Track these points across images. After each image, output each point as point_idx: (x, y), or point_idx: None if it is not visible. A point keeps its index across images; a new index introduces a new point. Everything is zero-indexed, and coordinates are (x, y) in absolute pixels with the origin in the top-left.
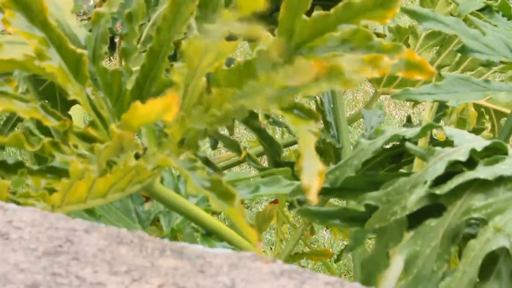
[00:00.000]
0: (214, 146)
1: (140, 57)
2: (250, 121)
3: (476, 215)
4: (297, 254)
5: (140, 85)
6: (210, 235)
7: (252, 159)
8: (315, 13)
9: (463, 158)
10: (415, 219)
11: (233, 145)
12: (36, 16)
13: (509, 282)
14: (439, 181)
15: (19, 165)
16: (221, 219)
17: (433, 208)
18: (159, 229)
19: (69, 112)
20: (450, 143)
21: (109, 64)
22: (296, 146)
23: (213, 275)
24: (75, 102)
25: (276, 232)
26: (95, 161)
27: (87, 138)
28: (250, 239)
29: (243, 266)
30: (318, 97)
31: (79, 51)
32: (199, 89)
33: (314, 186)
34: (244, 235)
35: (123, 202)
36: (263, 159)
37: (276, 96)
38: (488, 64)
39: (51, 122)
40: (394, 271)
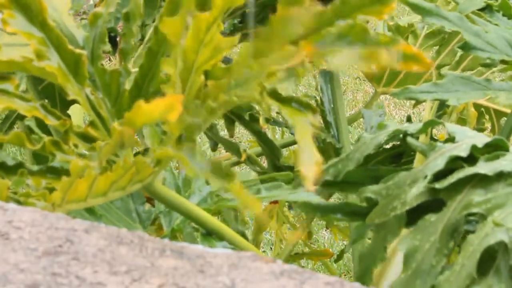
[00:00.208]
0: (214, 148)
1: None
2: (251, 124)
3: (476, 210)
4: (297, 254)
5: (138, 85)
6: (210, 235)
7: (252, 162)
8: (307, 6)
9: (464, 153)
10: (415, 214)
11: (233, 147)
12: (35, 16)
13: (508, 277)
14: (439, 176)
15: (19, 165)
16: (221, 220)
17: (433, 203)
18: (160, 229)
19: (69, 112)
20: (452, 140)
21: (110, 64)
22: (296, 146)
23: (213, 275)
24: (74, 101)
25: (276, 232)
26: (96, 158)
27: (87, 138)
28: (254, 208)
29: (243, 266)
30: (319, 96)
31: (78, 51)
32: (197, 86)
33: (311, 175)
34: (247, 205)
35: (124, 201)
36: (263, 159)
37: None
38: (489, 62)
39: (51, 121)
40: (396, 267)
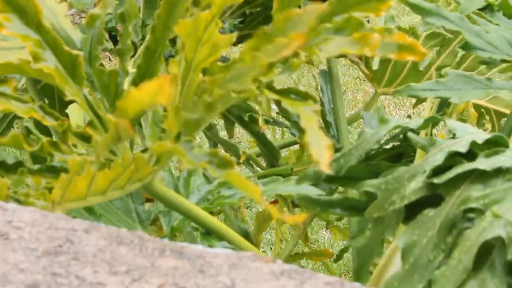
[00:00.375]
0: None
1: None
2: (250, 125)
3: (474, 205)
4: (297, 254)
5: (136, 84)
6: (209, 234)
7: (251, 163)
8: (310, 6)
9: (463, 149)
10: (414, 209)
11: (232, 148)
12: (31, 18)
13: (502, 272)
14: (438, 171)
15: (19, 164)
16: (221, 219)
17: (432, 198)
18: (159, 228)
19: (68, 112)
20: (452, 137)
21: (110, 64)
22: (296, 147)
23: (213, 275)
24: (72, 101)
25: (275, 232)
26: (94, 153)
27: (85, 138)
28: (254, 195)
29: (243, 266)
30: (318, 96)
31: (75, 52)
32: (195, 84)
33: (325, 158)
34: (247, 192)
35: (124, 201)
36: (263, 160)
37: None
38: (490, 62)
39: (49, 122)
40: (398, 265)
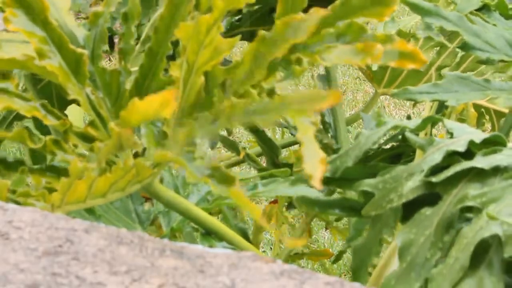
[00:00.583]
0: (213, 146)
1: (139, 57)
2: None
3: (471, 204)
4: (296, 254)
5: (139, 84)
6: (209, 234)
7: (251, 159)
8: (311, 11)
9: (462, 148)
10: (411, 208)
11: (232, 145)
12: (37, 15)
13: (500, 270)
14: (436, 170)
15: (19, 163)
16: (220, 219)
17: (429, 197)
18: (159, 229)
19: (69, 112)
20: (450, 137)
21: (109, 64)
22: (296, 147)
23: (213, 275)
24: (71, 102)
25: (275, 232)
26: (95, 159)
27: (87, 138)
28: (254, 215)
29: (243, 266)
30: None
31: (79, 50)
32: (197, 87)
33: (318, 173)
34: (248, 210)
35: (123, 202)
36: (263, 160)
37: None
38: (489, 62)
39: (51, 121)
40: (395, 264)
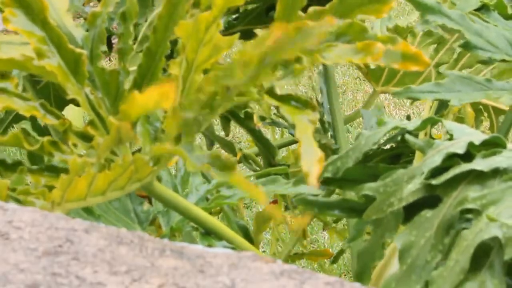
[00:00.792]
0: (210, 147)
1: (137, 56)
2: (245, 122)
3: (471, 206)
4: (296, 255)
5: (137, 84)
6: (209, 234)
7: (248, 161)
8: (310, 9)
9: (461, 150)
10: (412, 210)
11: (228, 145)
12: (37, 14)
13: (501, 272)
14: (436, 173)
15: (18, 163)
16: (220, 219)
17: (430, 200)
18: (158, 228)
19: (69, 112)
20: (450, 138)
21: (109, 64)
22: (294, 146)
23: (213, 275)
24: (69, 103)
25: (272, 232)
26: (94, 155)
27: (86, 137)
28: (258, 199)
29: (243, 266)
30: (314, 97)
31: (78, 50)
32: (196, 85)
33: (314, 172)
34: (251, 194)
35: (122, 202)
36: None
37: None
38: (489, 62)
39: (50, 120)
40: (396, 267)
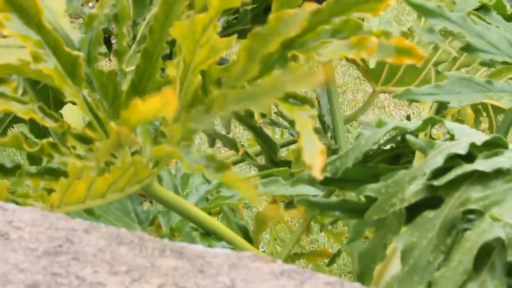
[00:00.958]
0: (212, 145)
1: (135, 57)
2: (246, 119)
3: (474, 207)
4: (295, 255)
5: (135, 85)
6: (209, 234)
7: (250, 157)
8: (303, 5)
9: (463, 151)
10: (414, 211)
11: (230, 143)
12: (32, 18)
13: (503, 273)
14: (438, 174)
15: (17, 167)
16: (220, 220)
17: (432, 201)
18: (158, 228)
19: (68, 113)
20: (451, 138)
21: (109, 65)
22: (294, 146)
23: (213, 275)
24: (68, 103)
25: (270, 231)
26: (94, 158)
27: (85, 139)
28: (251, 199)
29: (243, 266)
30: (316, 98)
31: (75, 53)
32: (194, 86)
33: (318, 164)
34: (245, 195)
35: (122, 202)
36: (263, 160)
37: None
38: (492, 64)
39: (49, 123)
40: (397, 266)
